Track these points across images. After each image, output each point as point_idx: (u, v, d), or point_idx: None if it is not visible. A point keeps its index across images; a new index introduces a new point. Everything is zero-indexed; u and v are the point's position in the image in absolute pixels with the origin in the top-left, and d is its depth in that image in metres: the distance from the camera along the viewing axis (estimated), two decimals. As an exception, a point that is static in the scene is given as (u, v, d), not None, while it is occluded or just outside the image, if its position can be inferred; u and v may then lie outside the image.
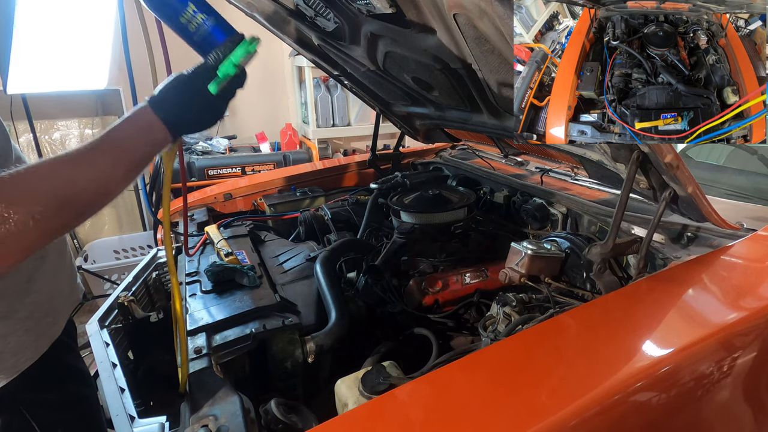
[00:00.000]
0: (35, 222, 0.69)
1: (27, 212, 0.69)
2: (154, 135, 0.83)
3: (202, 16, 0.86)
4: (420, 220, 1.57)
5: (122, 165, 0.80)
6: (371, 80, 1.73)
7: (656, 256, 1.15)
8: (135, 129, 0.83)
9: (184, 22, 0.86)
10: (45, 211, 0.71)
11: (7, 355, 1.01)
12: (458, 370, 0.83)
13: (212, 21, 0.87)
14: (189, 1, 0.86)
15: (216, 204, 2.09)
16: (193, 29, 0.87)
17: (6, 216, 0.67)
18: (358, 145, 4.67)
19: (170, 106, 0.84)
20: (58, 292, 1.15)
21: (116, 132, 0.81)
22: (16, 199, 0.69)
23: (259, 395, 1.00)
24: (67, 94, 3.53)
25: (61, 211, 0.73)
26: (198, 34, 0.87)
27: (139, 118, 0.83)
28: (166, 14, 0.86)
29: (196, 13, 0.86)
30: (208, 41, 0.87)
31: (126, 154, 0.81)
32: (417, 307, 1.34)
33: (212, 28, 0.87)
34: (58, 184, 0.73)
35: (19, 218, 0.68)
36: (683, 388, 0.84)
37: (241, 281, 1.25)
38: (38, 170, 0.74)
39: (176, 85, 0.85)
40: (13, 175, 0.70)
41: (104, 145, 0.79)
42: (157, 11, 0.87)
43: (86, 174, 0.76)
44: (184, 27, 0.87)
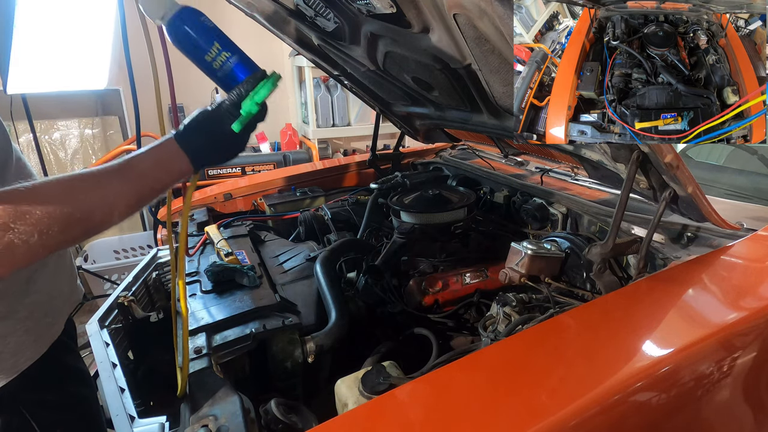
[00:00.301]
0: (39, 236, 0.70)
1: (33, 225, 0.69)
2: (177, 166, 0.86)
3: (227, 54, 0.90)
4: (420, 220, 1.57)
5: (140, 192, 0.82)
6: (371, 80, 1.73)
7: (656, 256, 1.15)
8: (159, 159, 0.85)
9: (209, 60, 0.90)
10: (52, 226, 0.71)
11: (6, 355, 1.01)
12: (458, 370, 0.83)
13: (236, 59, 0.91)
14: (215, 41, 0.89)
15: (216, 204, 2.09)
16: (218, 66, 0.90)
17: (11, 226, 0.68)
18: (358, 145, 4.67)
19: (195, 140, 0.87)
20: (58, 292, 1.15)
21: (140, 160, 0.84)
22: (26, 212, 0.69)
23: (259, 395, 1.00)
24: (67, 94, 3.53)
25: (69, 229, 0.74)
26: (222, 71, 0.91)
27: (163, 150, 0.86)
28: (193, 52, 0.90)
29: (221, 52, 0.90)
30: (231, 78, 0.91)
31: (146, 182, 0.83)
32: (417, 307, 1.34)
33: (235, 66, 0.91)
34: (72, 203, 0.74)
35: (24, 230, 0.68)
36: (683, 388, 0.84)
37: (241, 281, 1.26)
38: (56, 186, 0.75)
39: (201, 120, 0.88)
40: (29, 188, 0.72)
41: (126, 171, 0.82)
42: (183, 49, 0.90)
43: (102, 196, 0.78)
44: (209, 64, 0.90)
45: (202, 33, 0.89)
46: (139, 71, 1.02)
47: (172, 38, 0.90)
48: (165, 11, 0.88)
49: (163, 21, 0.89)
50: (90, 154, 3.87)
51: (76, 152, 3.83)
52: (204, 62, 0.90)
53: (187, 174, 0.88)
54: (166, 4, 0.89)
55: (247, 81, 0.90)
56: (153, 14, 0.89)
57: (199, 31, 0.89)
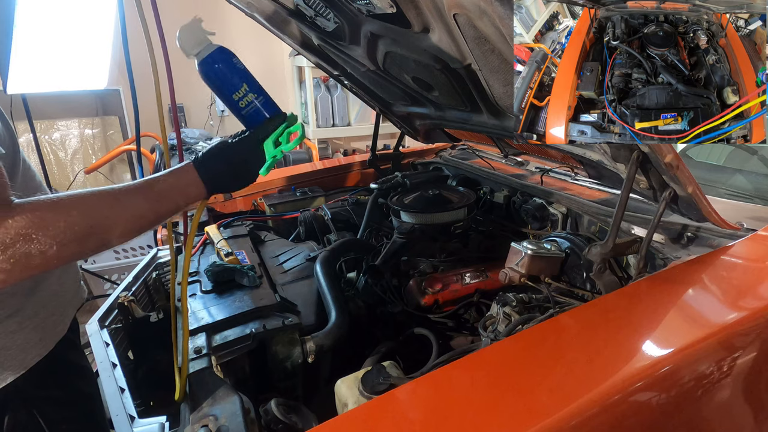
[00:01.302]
0: (58, 247, 0.73)
1: (53, 237, 0.72)
2: (192, 191, 0.92)
3: (253, 95, 0.98)
4: (420, 220, 1.57)
5: (155, 213, 0.87)
6: (371, 80, 1.73)
7: (656, 256, 1.15)
8: (176, 184, 0.90)
9: (236, 98, 0.97)
10: (71, 239, 0.74)
11: (15, 351, 1.02)
12: (458, 370, 0.83)
13: (261, 100, 0.98)
14: (244, 82, 0.97)
15: (216, 204, 2.09)
16: (243, 105, 0.97)
17: (33, 237, 0.70)
18: (358, 145, 4.67)
19: (213, 169, 0.93)
20: (64, 291, 1.17)
21: (158, 183, 0.89)
22: (49, 224, 0.72)
23: (259, 395, 1.00)
24: (67, 94, 3.53)
25: (86, 242, 0.77)
26: (246, 109, 0.98)
27: (182, 175, 0.91)
28: (221, 88, 0.97)
29: (248, 92, 0.97)
30: (255, 116, 0.98)
31: (162, 204, 0.88)
32: (417, 307, 1.34)
33: (260, 106, 0.98)
34: (93, 218, 0.78)
35: (44, 241, 0.71)
36: (683, 388, 0.84)
37: (241, 281, 1.26)
38: (79, 201, 0.78)
39: (221, 152, 0.94)
40: (54, 200, 0.75)
41: (146, 191, 0.87)
42: (212, 84, 0.97)
43: (121, 214, 0.82)
44: (236, 102, 0.97)
45: (234, 73, 0.96)
46: (139, 71, 1.02)
47: (203, 73, 0.96)
48: (201, 49, 0.95)
49: (197, 57, 0.95)
50: (90, 154, 3.87)
51: (76, 152, 3.83)
52: (231, 99, 0.97)
53: (201, 198, 0.93)
54: (203, 43, 0.95)
55: (270, 121, 0.98)
56: (189, 51, 0.95)
57: (232, 71, 0.96)
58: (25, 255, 0.70)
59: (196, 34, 0.95)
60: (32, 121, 2.86)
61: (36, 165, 3.13)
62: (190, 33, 0.94)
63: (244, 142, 0.96)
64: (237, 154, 0.95)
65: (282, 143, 0.96)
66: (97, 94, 3.74)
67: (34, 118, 2.89)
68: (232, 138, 0.98)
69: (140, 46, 0.94)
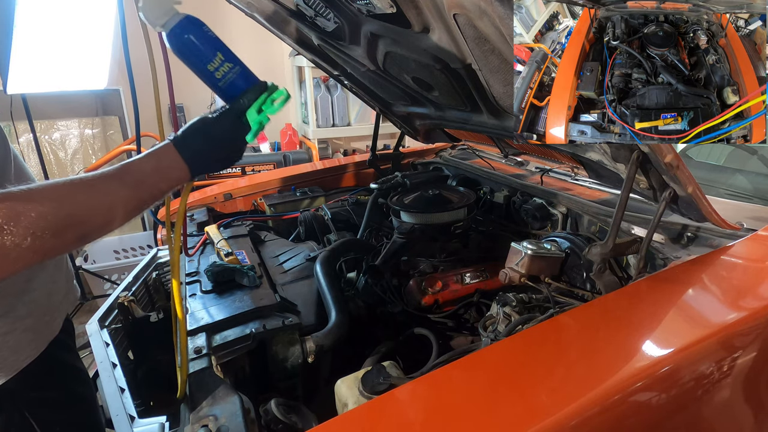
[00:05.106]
0: (32, 239, 0.69)
1: (27, 228, 0.68)
2: (174, 173, 0.86)
3: (229, 65, 0.91)
4: (420, 220, 1.57)
5: (137, 198, 0.82)
6: (371, 80, 1.73)
7: (656, 256, 1.15)
8: (156, 166, 0.85)
9: (212, 69, 0.90)
10: (45, 230, 0.70)
11: (6, 353, 1.01)
12: (458, 370, 0.83)
13: (238, 70, 0.92)
14: (218, 51, 0.90)
15: (216, 204, 2.09)
16: (220, 76, 0.91)
17: (5, 228, 0.67)
18: (358, 145, 4.67)
19: (195, 147, 0.87)
20: (56, 290, 1.16)
21: (137, 165, 0.83)
22: (20, 214, 0.68)
23: (259, 395, 1.00)
24: (67, 94, 3.53)
25: (62, 233, 0.73)
26: (223, 81, 0.92)
27: (161, 156, 0.85)
28: (194, 61, 0.91)
29: (224, 62, 0.91)
30: (234, 88, 0.92)
31: (143, 188, 0.83)
32: (417, 307, 1.34)
33: (238, 77, 0.92)
34: (68, 207, 0.74)
35: (17, 232, 0.67)
36: (683, 388, 0.84)
37: (241, 281, 1.26)
38: (52, 189, 0.74)
39: (202, 128, 0.89)
40: (25, 190, 0.71)
41: (123, 176, 0.81)
42: (184, 58, 0.91)
43: (99, 201, 0.77)
44: (211, 74, 0.91)
45: (206, 43, 0.90)
46: (139, 71, 1.02)
47: (173, 46, 0.90)
48: (167, 19, 0.88)
49: (164, 29, 0.89)
50: (90, 154, 3.87)
51: (76, 152, 3.83)
52: (206, 72, 0.91)
53: (185, 181, 0.89)
54: (169, 13, 0.88)
55: (249, 91, 0.92)
56: (154, 22, 0.89)
57: (204, 40, 0.90)
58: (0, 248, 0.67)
59: (162, 2, 0.87)
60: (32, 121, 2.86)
61: (36, 165, 3.14)
62: (155, 2, 0.87)
63: (225, 115, 0.91)
64: (219, 127, 0.90)
65: (265, 110, 0.91)
66: (97, 94, 3.74)
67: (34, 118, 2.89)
68: (212, 113, 0.92)
69: (140, 46, 0.94)
